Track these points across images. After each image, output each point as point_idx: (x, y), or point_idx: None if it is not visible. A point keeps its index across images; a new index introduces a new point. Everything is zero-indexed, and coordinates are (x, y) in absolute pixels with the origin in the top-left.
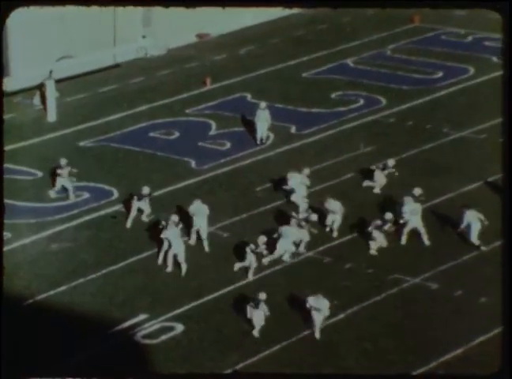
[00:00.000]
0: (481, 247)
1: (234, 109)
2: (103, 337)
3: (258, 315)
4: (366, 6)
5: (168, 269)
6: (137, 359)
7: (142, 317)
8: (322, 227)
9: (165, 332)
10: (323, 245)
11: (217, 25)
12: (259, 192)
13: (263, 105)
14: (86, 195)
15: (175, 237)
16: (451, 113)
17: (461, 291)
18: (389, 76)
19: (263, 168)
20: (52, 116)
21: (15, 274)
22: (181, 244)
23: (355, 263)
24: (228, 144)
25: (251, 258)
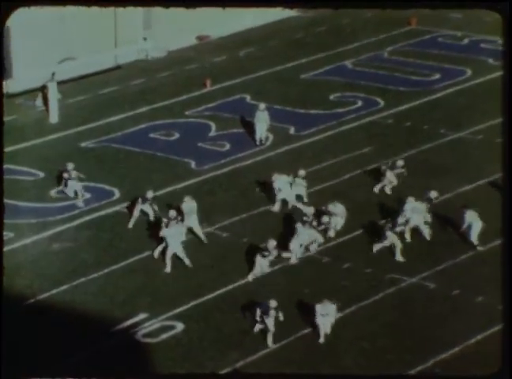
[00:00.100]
0: (478, 247)
1: (233, 110)
2: (104, 336)
3: (269, 322)
4: (366, 7)
5: (167, 269)
6: (137, 358)
7: (143, 316)
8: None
9: (165, 331)
10: (322, 245)
11: (217, 27)
12: (258, 191)
13: (262, 106)
14: (87, 195)
15: (176, 234)
16: (448, 114)
17: (458, 291)
18: (387, 77)
19: (262, 169)
20: (54, 117)
21: (17, 273)
22: (179, 241)
23: (353, 263)
24: (228, 145)
25: (263, 263)
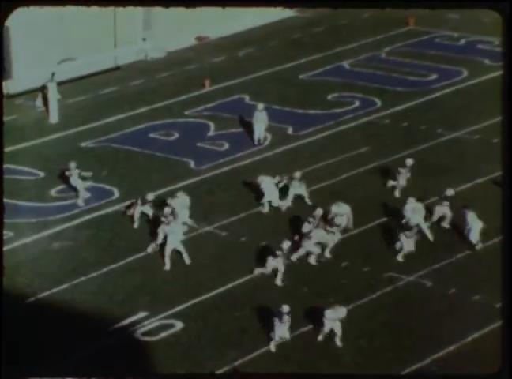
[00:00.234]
0: (476, 247)
1: (232, 110)
2: (104, 334)
3: (279, 328)
4: (365, 7)
5: (166, 267)
6: (136, 356)
7: (142, 314)
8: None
9: (164, 330)
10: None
11: (216, 28)
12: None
13: (261, 106)
14: (87, 194)
15: (175, 231)
16: (445, 114)
17: (455, 289)
18: (385, 78)
19: (261, 168)
20: (54, 117)
21: (17, 272)
22: (179, 238)
23: (351, 261)
24: (227, 145)
25: (278, 264)
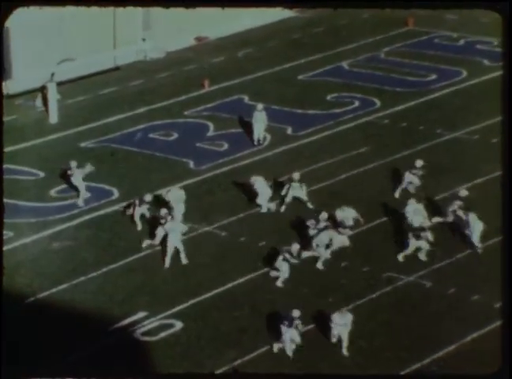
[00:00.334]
0: (478, 250)
1: (231, 111)
2: (104, 334)
3: (292, 334)
4: (365, 7)
5: (166, 265)
6: (136, 356)
7: (141, 314)
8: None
9: (164, 330)
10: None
11: (215, 28)
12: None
13: (260, 107)
14: (87, 194)
15: (175, 229)
16: (444, 114)
17: (455, 289)
18: (384, 78)
19: (260, 168)
20: (54, 118)
21: (17, 272)
22: (179, 236)
23: (350, 261)
24: (226, 145)
25: (284, 267)
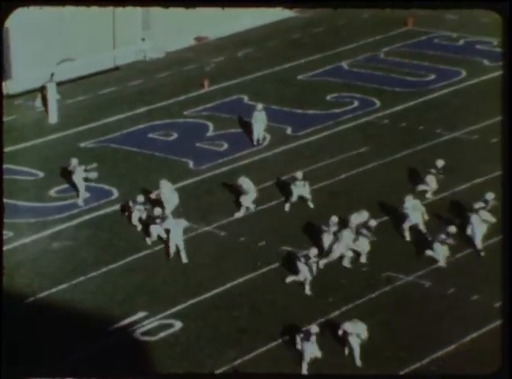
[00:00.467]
0: (481, 253)
1: (231, 111)
2: (103, 334)
3: (309, 348)
4: (365, 7)
5: (171, 256)
6: (136, 356)
7: (141, 314)
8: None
9: (164, 330)
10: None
11: (215, 28)
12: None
13: (260, 107)
14: (87, 194)
15: (175, 226)
16: (444, 114)
17: (454, 289)
18: (383, 78)
19: (260, 168)
20: (53, 118)
21: (16, 272)
22: (180, 233)
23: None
24: (226, 145)
25: (305, 271)
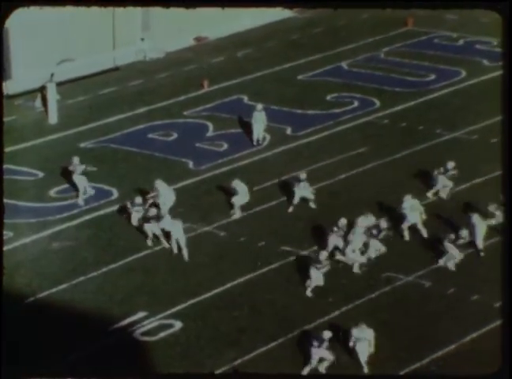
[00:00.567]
0: (481, 253)
1: (231, 111)
2: (103, 334)
3: (323, 353)
4: (366, 7)
5: (174, 251)
6: (136, 356)
7: (141, 314)
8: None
9: (163, 330)
10: (318, 244)
11: (215, 28)
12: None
13: (260, 107)
14: (87, 194)
15: (174, 225)
16: (444, 114)
17: (454, 289)
18: (383, 78)
19: (260, 169)
20: (53, 118)
21: (17, 272)
22: (181, 230)
23: None
24: (225, 145)
25: (317, 275)
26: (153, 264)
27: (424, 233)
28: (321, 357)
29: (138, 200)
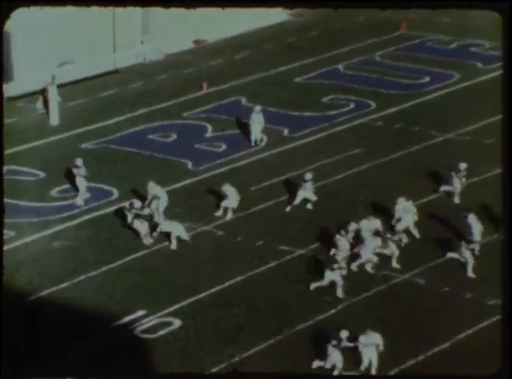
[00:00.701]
0: (476, 252)
1: (229, 112)
2: (104, 332)
3: (338, 353)
4: (366, 7)
5: (173, 247)
6: (136, 353)
7: (141, 312)
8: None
9: (163, 327)
10: (315, 243)
11: (213, 31)
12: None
13: (257, 108)
14: (87, 195)
15: (173, 223)
16: (437, 116)
17: (448, 287)
18: (378, 81)
19: (257, 169)
20: (54, 119)
21: (18, 271)
22: (181, 226)
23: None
24: (224, 146)
25: (335, 276)
26: (152, 263)
27: (417, 234)
28: (335, 357)
29: (137, 203)
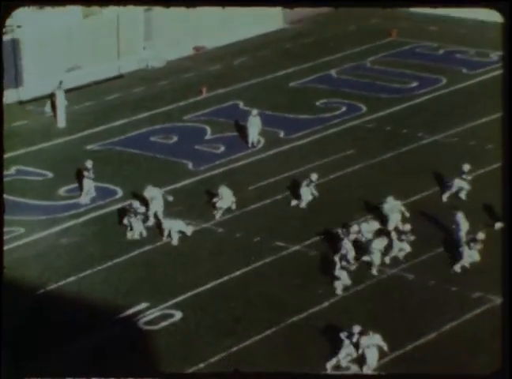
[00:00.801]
0: (463, 247)
1: (228, 115)
2: (109, 323)
3: (350, 348)
4: (365, 6)
5: (174, 242)
6: (139, 343)
7: (144, 305)
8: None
9: (165, 319)
10: (309, 239)
11: (212, 38)
12: (251, 190)
13: (255, 112)
14: (93, 194)
15: (175, 222)
16: (426, 119)
17: (435, 281)
18: (369, 85)
19: (255, 169)
20: (62, 122)
21: (27, 266)
22: (181, 222)
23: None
24: (223, 148)
25: (343, 275)
26: (155, 258)
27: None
28: (348, 352)
29: (136, 204)
